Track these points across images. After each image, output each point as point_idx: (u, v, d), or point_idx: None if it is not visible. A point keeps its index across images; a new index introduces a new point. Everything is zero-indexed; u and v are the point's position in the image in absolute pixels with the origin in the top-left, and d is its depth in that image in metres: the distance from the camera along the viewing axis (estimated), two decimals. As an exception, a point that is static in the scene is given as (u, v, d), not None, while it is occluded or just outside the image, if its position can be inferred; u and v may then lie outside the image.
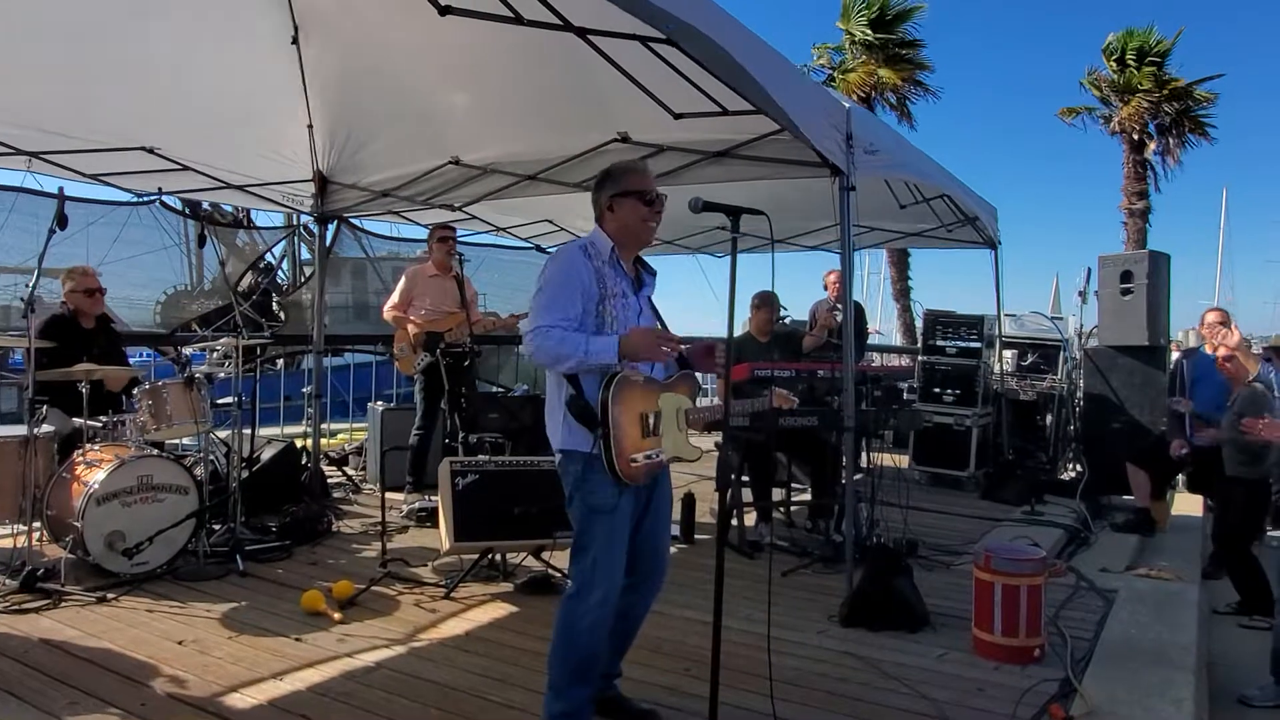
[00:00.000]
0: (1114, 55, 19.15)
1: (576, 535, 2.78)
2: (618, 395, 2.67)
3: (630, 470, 2.68)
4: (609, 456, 2.65)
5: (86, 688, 3.12)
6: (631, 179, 2.89)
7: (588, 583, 2.72)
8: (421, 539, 5.32)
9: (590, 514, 2.73)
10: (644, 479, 2.76)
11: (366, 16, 4.79)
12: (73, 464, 4.48)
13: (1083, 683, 3.37)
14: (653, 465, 2.76)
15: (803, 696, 3.26)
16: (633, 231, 2.87)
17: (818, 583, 4.68)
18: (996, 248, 7.79)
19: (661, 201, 2.89)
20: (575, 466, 2.74)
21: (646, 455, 2.73)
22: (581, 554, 2.76)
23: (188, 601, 4.08)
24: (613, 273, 2.82)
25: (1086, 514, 6.29)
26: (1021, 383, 8.15)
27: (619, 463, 2.65)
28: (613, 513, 2.71)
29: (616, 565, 2.75)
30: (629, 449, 2.68)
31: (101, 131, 5.31)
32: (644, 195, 2.85)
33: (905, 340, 17.83)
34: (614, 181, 2.89)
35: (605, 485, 2.69)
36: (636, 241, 2.91)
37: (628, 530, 2.78)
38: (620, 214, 2.86)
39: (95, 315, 5.25)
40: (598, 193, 2.91)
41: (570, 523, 2.81)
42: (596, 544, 2.73)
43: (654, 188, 2.90)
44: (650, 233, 2.93)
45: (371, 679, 3.32)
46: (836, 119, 4.22)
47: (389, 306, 6.32)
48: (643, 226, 2.88)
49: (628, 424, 2.69)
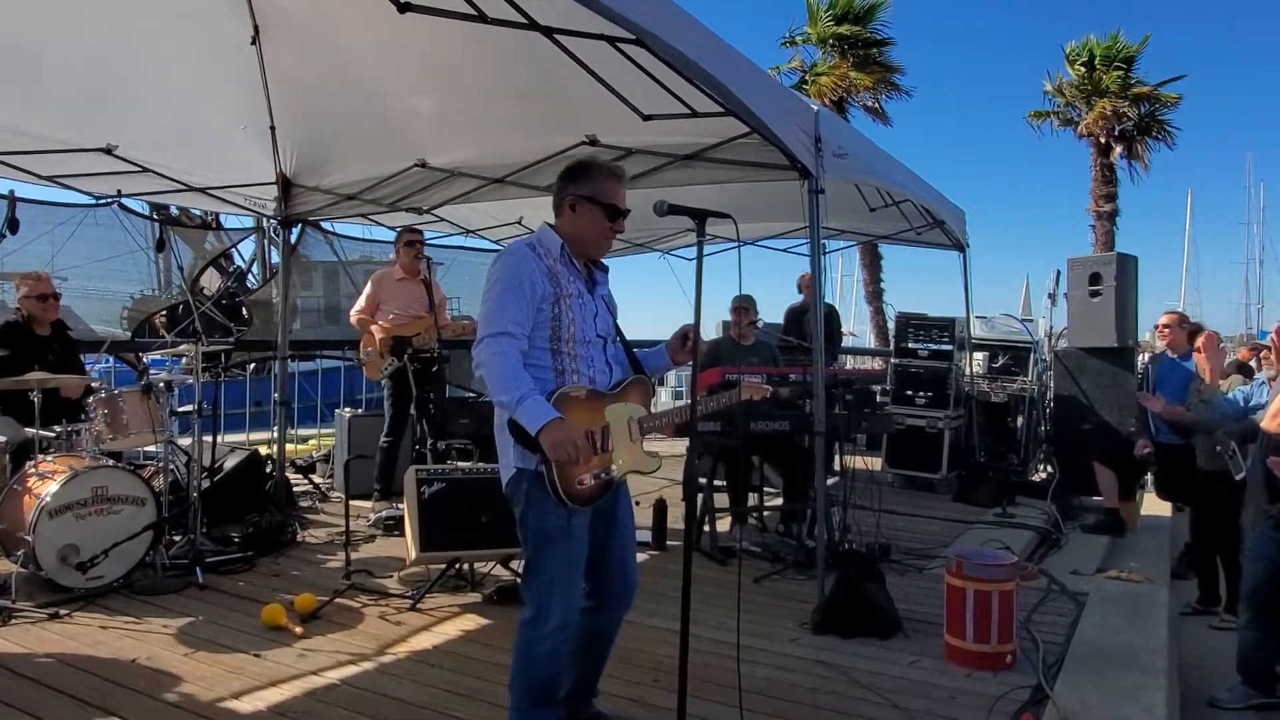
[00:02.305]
0: (1078, 60, 19.38)
1: (529, 559, 2.65)
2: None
3: (577, 492, 2.56)
4: (552, 480, 2.51)
5: (31, 708, 3.00)
6: (604, 186, 2.70)
7: (544, 608, 2.59)
8: (389, 548, 5.22)
9: (542, 539, 2.60)
10: (594, 501, 2.63)
11: (328, 16, 4.70)
12: (24, 475, 4.35)
13: (1055, 689, 3.35)
14: (604, 484, 2.64)
15: (773, 707, 3.21)
16: (587, 240, 2.73)
17: (790, 589, 4.64)
18: (965, 250, 7.82)
19: (625, 215, 2.75)
20: (523, 485, 2.60)
21: (595, 475, 2.61)
22: (534, 577, 2.64)
23: (144, 617, 3.96)
24: (566, 271, 2.67)
25: (1057, 515, 6.31)
26: (993, 385, 8.17)
27: (564, 485, 2.52)
28: (566, 535, 2.59)
29: (573, 589, 2.64)
30: (575, 470, 2.55)
31: (57, 132, 5.16)
32: (611, 210, 2.70)
33: (878, 342, 17.91)
34: (583, 181, 2.71)
35: (554, 509, 2.56)
36: (589, 249, 2.76)
37: (584, 551, 2.66)
38: (580, 218, 2.70)
39: (50, 321, 5.12)
40: (562, 186, 2.74)
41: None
42: (550, 569, 2.60)
43: (623, 201, 2.74)
44: (605, 248, 2.80)
45: (333, 697, 3.23)
46: (805, 121, 4.19)
47: (355, 310, 6.22)
48: (599, 240, 2.74)
49: None
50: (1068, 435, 7.37)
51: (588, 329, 2.68)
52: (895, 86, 19.18)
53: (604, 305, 2.79)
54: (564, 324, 2.62)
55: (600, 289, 2.80)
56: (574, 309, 2.64)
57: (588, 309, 2.70)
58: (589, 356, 2.69)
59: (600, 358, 2.73)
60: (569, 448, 2.44)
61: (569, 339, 2.63)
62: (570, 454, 2.44)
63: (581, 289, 2.70)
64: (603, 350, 2.75)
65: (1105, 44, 19.00)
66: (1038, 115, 20.25)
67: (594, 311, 2.72)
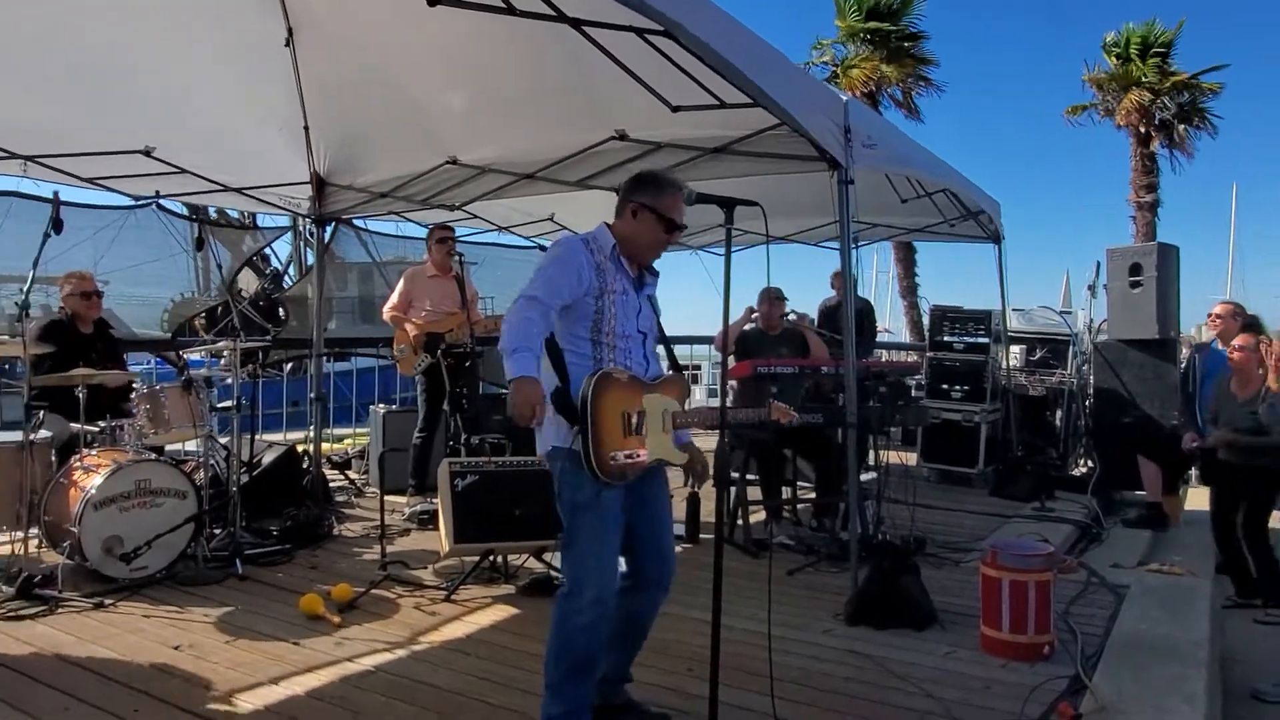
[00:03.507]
0: (1115, 50, 19.05)
1: (565, 532, 2.76)
2: (599, 391, 2.65)
3: (608, 467, 2.66)
4: (586, 451, 2.63)
5: (80, 694, 3.08)
6: (667, 200, 2.81)
7: (579, 580, 2.69)
8: (423, 541, 5.27)
9: (573, 510, 2.71)
10: (625, 478, 2.72)
11: (360, 16, 4.76)
12: (70, 469, 4.45)
13: (1093, 679, 3.29)
14: (632, 465, 2.73)
15: (806, 695, 3.20)
16: (641, 245, 2.85)
17: (823, 581, 4.62)
18: (1000, 242, 7.71)
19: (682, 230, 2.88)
20: (558, 463, 2.73)
21: (627, 454, 2.71)
22: (569, 550, 2.76)
23: (186, 606, 4.05)
24: (613, 268, 2.79)
25: (1098, 509, 6.20)
26: (1030, 378, 8.05)
27: (596, 458, 2.63)
28: (595, 508, 2.67)
29: (607, 563, 2.71)
30: (608, 446, 2.66)
31: (98, 135, 5.28)
32: (669, 224, 2.81)
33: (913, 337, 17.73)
34: (650, 191, 2.83)
35: (584, 480, 2.66)
36: (641, 254, 2.87)
37: (616, 528, 2.74)
38: (639, 224, 2.82)
39: (93, 320, 5.23)
40: (628, 191, 2.87)
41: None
42: (582, 540, 2.70)
43: (682, 215, 2.85)
44: (656, 256, 2.91)
45: (369, 683, 3.28)
46: (834, 112, 4.16)
47: (388, 308, 6.29)
48: (652, 247, 2.86)
49: (608, 420, 2.66)
50: (1108, 428, 7.25)
51: (629, 324, 2.80)
52: (928, 80, 18.96)
53: (648, 304, 2.91)
54: (606, 317, 2.74)
55: (648, 289, 2.92)
56: (617, 304, 2.77)
57: (630, 305, 2.81)
58: (628, 349, 2.81)
59: (639, 351, 2.85)
60: (526, 408, 2.52)
61: (610, 331, 2.76)
62: (525, 415, 2.52)
63: (627, 286, 2.82)
64: (641, 345, 2.87)
65: (1141, 30, 18.65)
66: (1075, 109, 19.88)
67: (637, 309, 2.84)
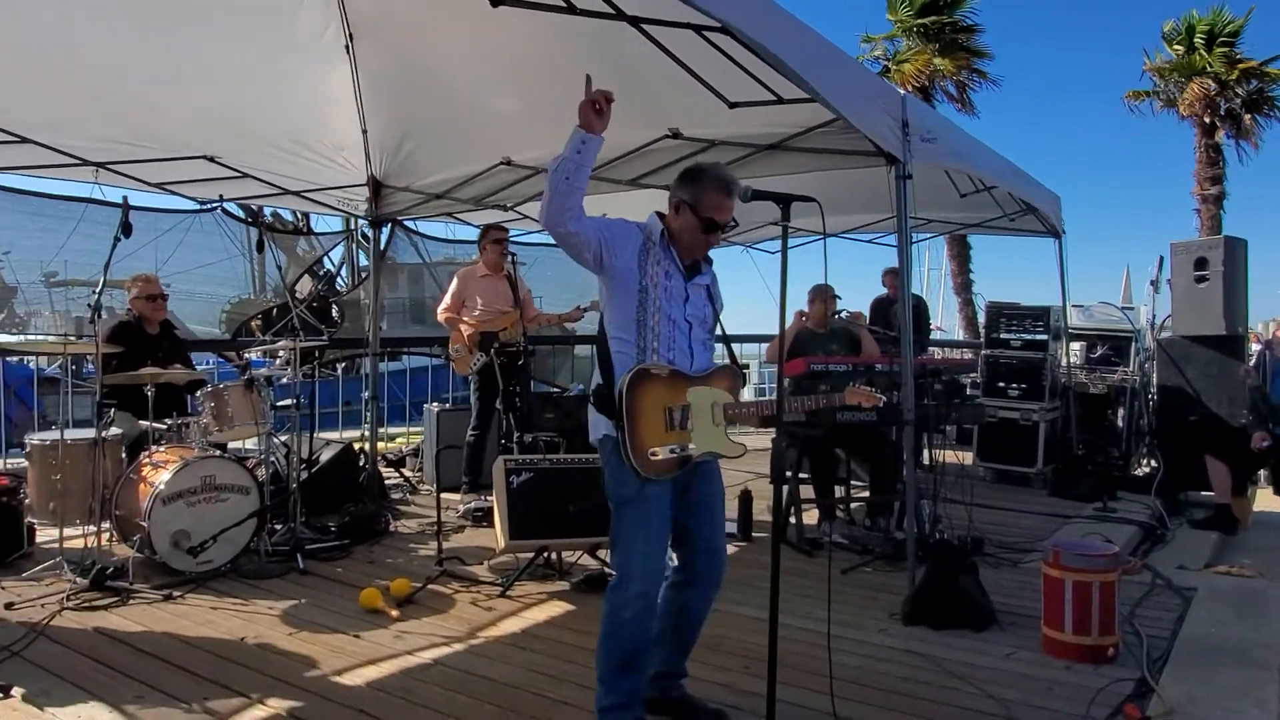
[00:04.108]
0: (1177, 39, 18.51)
1: (611, 526, 2.77)
2: (635, 387, 2.65)
3: (648, 463, 2.65)
4: (624, 447, 2.63)
5: (153, 681, 3.18)
6: (709, 198, 2.74)
7: (624, 574, 2.71)
8: (478, 538, 5.33)
9: (618, 505, 2.73)
10: (668, 473, 2.70)
11: (419, 20, 4.84)
12: (139, 465, 4.60)
13: (1160, 682, 3.22)
14: (676, 460, 2.70)
15: (864, 695, 3.17)
16: (684, 242, 2.81)
17: (879, 581, 4.57)
18: (1060, 237, 7.56)
19: (726, 229, 2.82)
20: (604, 456, 2.76)
21: (670, 449, 2.69)
22: (616, 545, 2.78)
23: (250, 599, 4.15)
24: (662, 255, 2.76)
25: (1162, 510, 6.03)
26: (1091, 375, 7.87)
27: (634, 454, 2.63)
28: (639, 502, 2.68)
29: (653, 557, 2.71)
30: (647, 442, 2.65)
31: (164, 141, 5.44)
32: (707, 224, 2.75)
33: (967, 334, 17.43)
34: (693, 188, 2.77)
35: (628, 475, 2.67)
36: (684, 250, 2.82)
37: (663, 522, 2.74)
38: (681, 220, 2.80)
39: (159, 320, 5.39)
40: (675, 184, 2.84)
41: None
42: (627, 535, 2.72)
43: (727, 214, 2.77)
44: (700, 253, 2.86)
45: (429, 675, 3.33)
46: (892, 106, 4.12)
47: (442, 308, 6.36)
48: (692, 245, 2.81)
49: (647, 416, 2.65)
50: (1173, 427, 7.05)
51: (674, 310, 2.76)
52: (982, 74, 18.59)
53: (701, 293, 2.85)
54: (650, 298, 2.71)
55: (701, 279, 2.86)
56: (660, 291, 2.72)
57: (676, 293, 2.77)
58: (670, 337, 2.76)
59: (683, 340, 2.79)
60: (586, 108, 2.57)
61: (655, 313, 2.72)
62: (587, 112, 2.57)
63: (673, 271, 2.78)
64: (687, 334, 2.80)
65: (1207, 20, 18.09)
66: (1136, 95, 19.35)
67: (684, 297, 2.79)
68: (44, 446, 4.57)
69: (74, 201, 7.27)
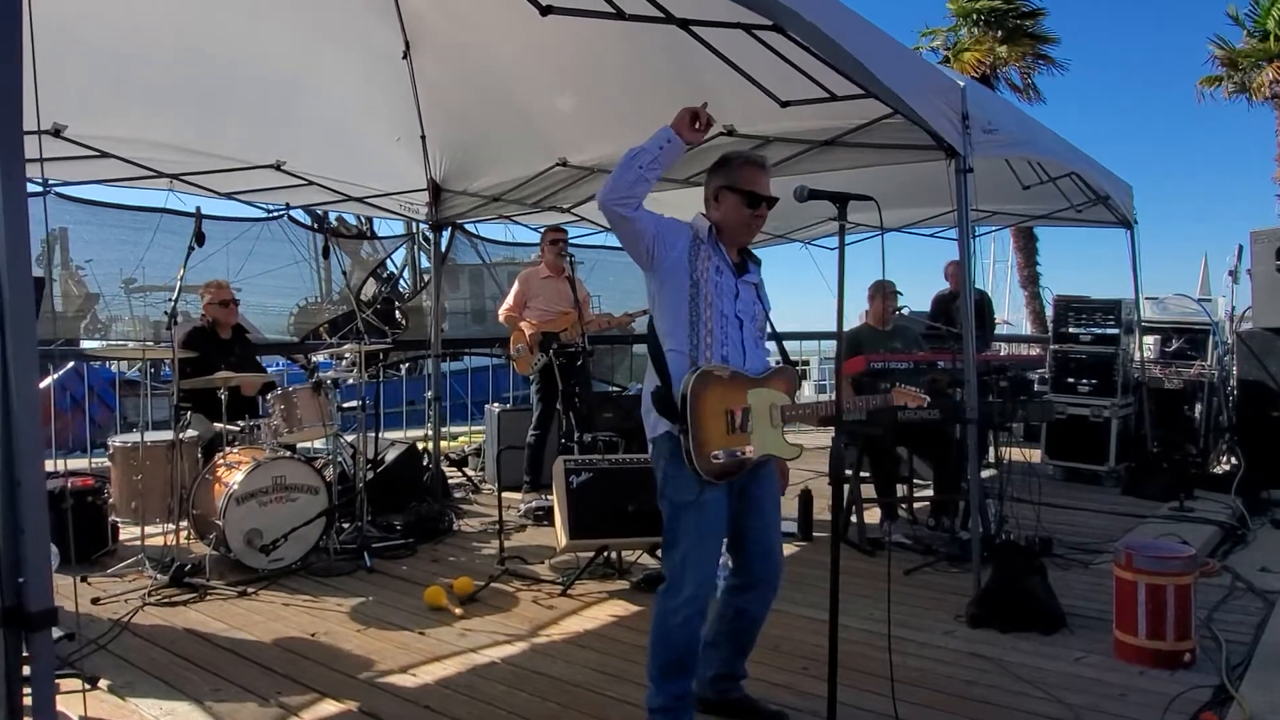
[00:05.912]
0: (1254, 20, 17.72)
1: (665, 529, 2.75)
2: (699, 389, 2.63)
3: (710, 466, 2.64)
4: (688, 450, 2.62)
5: (228, 675, 3.30)
6: (743, 174, 2.76)
7: (678, 578, 2.69)
8: (539, 537, 5.40)
9: (675, 508, 2.71)
10: (729, 476, 2.70)
11: (473, 26, 4.91)
12: (214, 466, 4.76)
13: (1240, 690, 3.10)
14: (738, 463, 2.70)
15: (926, 698, 3.13)
16: (731, 228, 2.79)
17: (943, 582, 4.49)
18: (1132, 227, 7.32)
19: (770, 204, 2.79)
20: (662, 459, 2.73)
21: (731, 453, 2.67)
22: (671, 549, 2.74)
23: (320, 596, 4.27)
24: (711, 251, 2.76)
25: (1243, 509, 5.80)
26: (1166, 370, 7.61)
27: (698, 458, 2.62)
28: (697, 507, 2.66)
29: (707, 563, 2.70)
30: (709, 445, 2.64)
31: (233, 151, 5.61)
32: (749, 197, 2.74)
33: (1035, 329, 16.97)
34: (724, 172, 2.79)
35: (687, 479, 2.65)
36: (734, 238, 2.82)
37: (719, 527, 2.73)
38: (724, 208, 2.78)
39: (231, 325, 5.57)
40: (708, 179, 2.84)
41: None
42: (684, 539, 2.69)
43: (765, 188, 2.78)
44: (751, 234, 2.86)
45: (492, 673, 3.39)
46: (951, 98, 4.03)
47: (504, 309, 6.45)
48: (743, 227, 2.80)
49: (709, 419, 2.64)
50: (1254, 423, 6.78)
51: (725, 305, 2.75)
52: (1048, 59, 18.09)
53: (750, 291, 2.83)
54: (701, 296, 2.70)
55: (749, 277, 2.85)
56: (711, 286, 2.72)
57: (727, 288, 2.76)
58: (724, 333, 2.75)
59: (736, 336, 2.78)
60: (685, 115, 2.60)
61: (707, 308, 2.71)
62: (685, 118, 2.61)
63: (723, 267, 2.77)
64: (739, 330, 2.79)
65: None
66: (1209, 81, 18.61)
67: (734, 292, 2.78)
68: (125, 448, 4.76)
69: (150, 212, 7.56)
